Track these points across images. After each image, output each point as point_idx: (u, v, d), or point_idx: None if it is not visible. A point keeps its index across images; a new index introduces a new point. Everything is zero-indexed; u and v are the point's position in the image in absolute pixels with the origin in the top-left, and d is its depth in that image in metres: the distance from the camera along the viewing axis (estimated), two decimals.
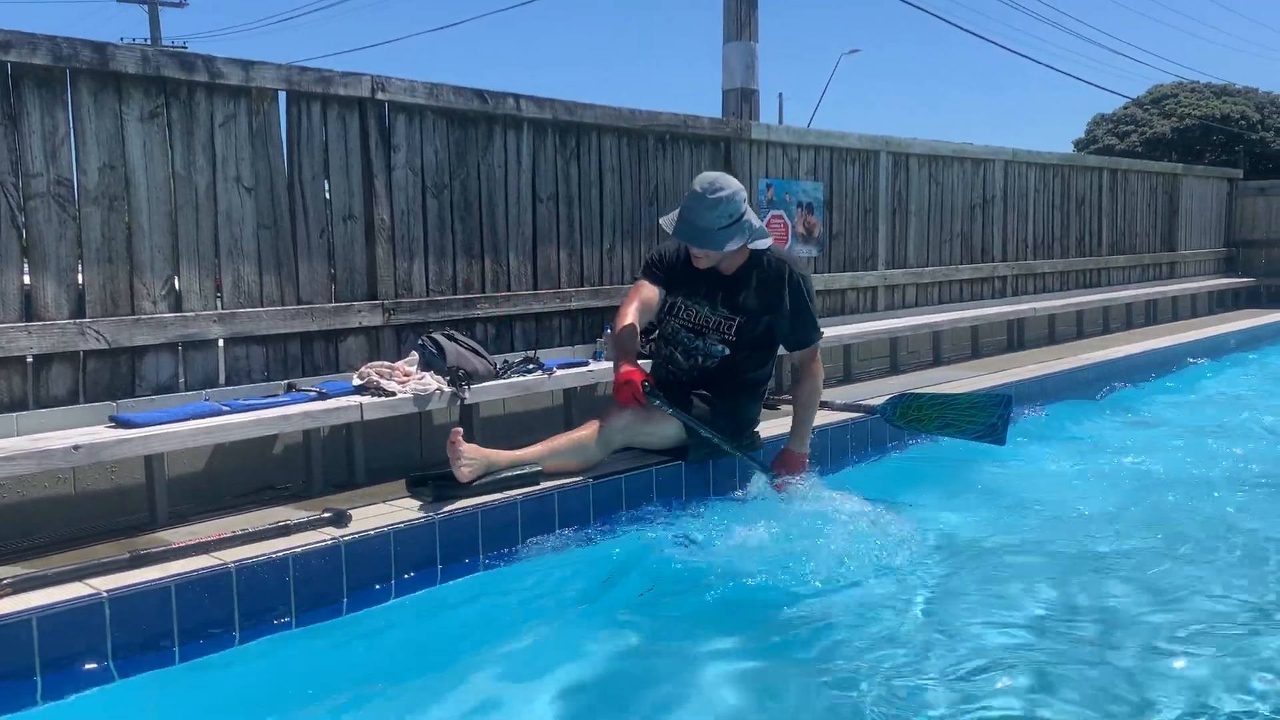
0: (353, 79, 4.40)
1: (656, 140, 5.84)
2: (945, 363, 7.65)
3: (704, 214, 4.02)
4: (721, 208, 4.01)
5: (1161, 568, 3.65)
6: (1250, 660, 2.88)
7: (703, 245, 4.08)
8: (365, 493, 3.95)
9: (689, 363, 4.25)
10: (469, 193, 4.91)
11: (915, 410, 4.58)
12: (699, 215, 4.04)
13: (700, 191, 4.04)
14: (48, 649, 2.58)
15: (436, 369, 4.29)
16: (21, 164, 3.53)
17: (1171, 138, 26.12)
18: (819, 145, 7.05)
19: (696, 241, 4.08)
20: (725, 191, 4.02)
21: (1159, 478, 4.80)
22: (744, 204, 4.09)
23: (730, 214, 4.03)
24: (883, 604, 3.29)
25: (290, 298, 4.29)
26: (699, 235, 4.06)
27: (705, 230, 4.04)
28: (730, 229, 4.04)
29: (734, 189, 4.05)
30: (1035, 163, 9.26)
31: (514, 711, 2.61)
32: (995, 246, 8.83)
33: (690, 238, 4.10)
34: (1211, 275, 12.43)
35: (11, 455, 3.14)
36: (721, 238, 4.03)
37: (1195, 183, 12.10)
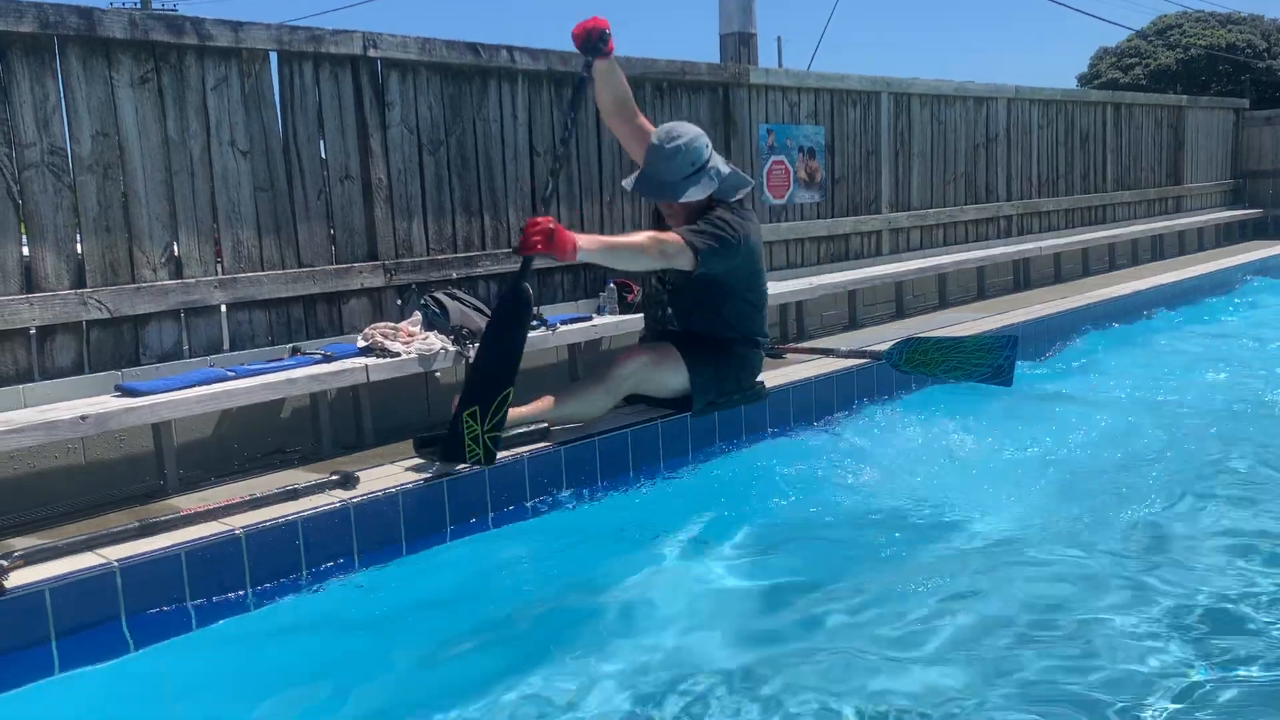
0: (344, 36, 4.35)
1: (654, 88, 5.77)
2: (951, 305, 7.62)
3: (662, 165, 3.83)
4: (680, 156, 3.82)
5: (1173, 505, 3.66)
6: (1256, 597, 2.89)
7: (661, 197, 3.90)
8: (374, 454, 3.96)
9: (661, 313, 4.21)
10: (465, 149, 4.87)
11: (921, 355, 4.55)
12: (657, 167, 3.85)
13: (657, 143, 3.85)
14: (61, 619, 2.60)
15: (440, 328, 4.29)
16: (14, 134, 3.51)
17: (1176, 69, 25.74)
18: (819, 88, 6.96)
19: (654, 194, 3.91)
20: (682, 139, 3.83)
21: (1168, 413, 4.80)
22: (706, 150, 3.89)
23: (691, 162, 3.83)
24: (883, 549, 3.31)
25: (291, 261, 4.27)
26: (657, 187, 3.88)
27: (664, 182, 3.85)
28: (692, 178, 3.84)
29: (691, 135, 3.86)
30: (1038, 99, 9.14)
31: (522, 669, 2.63)
32: (999, 186, 8.75)
33: (649, 191, 3.92)
34: (1218, 208, 12.32)
35: (20, 427, 3.15)
36: (681, 188, 3.83)
37: (1201, 114, 11.95)
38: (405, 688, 2.55)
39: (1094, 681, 2.46)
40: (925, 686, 2.46)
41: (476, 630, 2.86)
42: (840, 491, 3.84)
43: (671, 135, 3.85)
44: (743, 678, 2.53)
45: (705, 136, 3.91)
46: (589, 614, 2.95)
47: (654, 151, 3.86)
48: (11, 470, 3.50)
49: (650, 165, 3.89)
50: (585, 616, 2.94)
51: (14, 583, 2.57)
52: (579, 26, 3.76)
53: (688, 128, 3.90)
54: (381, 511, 3.26)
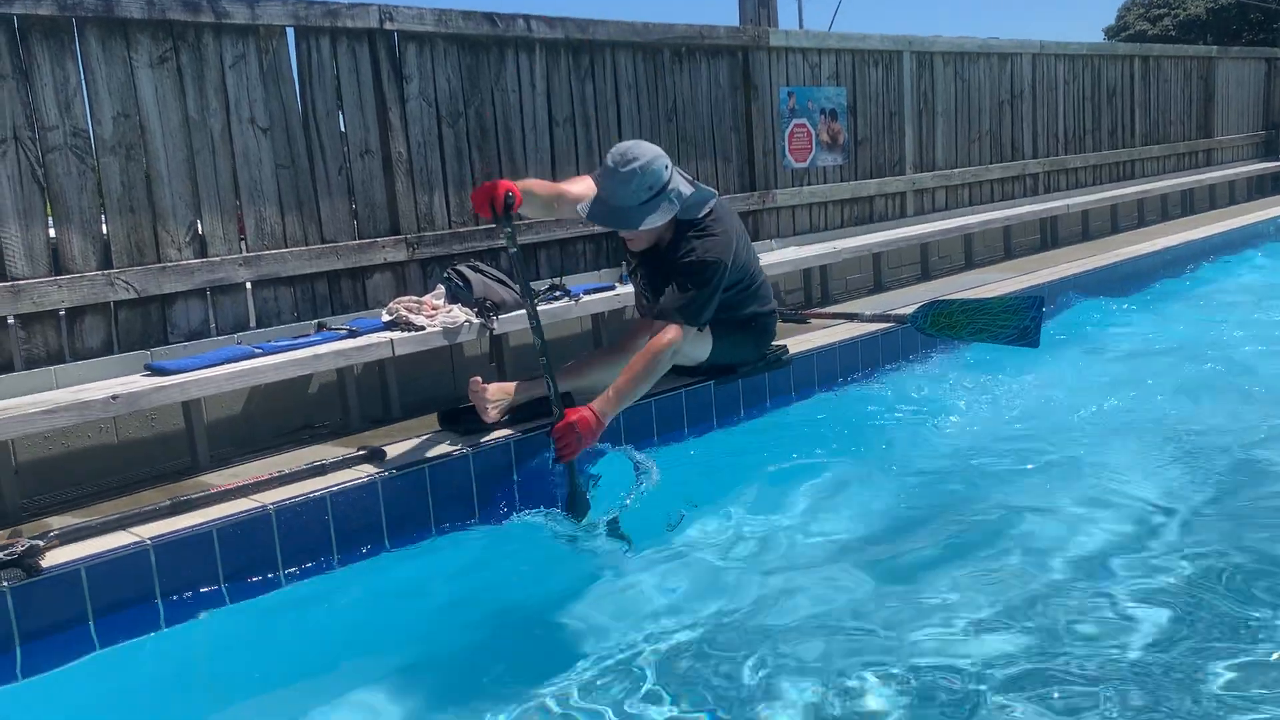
0: (360, 10, 4.34)
1: (673, 54, 5.73)
2: (977, 265, 7.56)
3: (619, 189, 3.55)
4: (636, 180, 3.53)
5: (1206, 466, 3.64)
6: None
7: (619, 226, 3.66)
8: (401, 427, 3.99)
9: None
10: (484, 120, 4.86)
11: (946, 317, 4.53)
12: (614, 192, 3.57)
13: (611, 165, 3.56)
14: (98, 597, 2.65)
15: (464, 301, 4.30)
16: (36, 117, 3.53)
17: (1206, 19, 25.28)
18: (840, 49, 6.89)
19: (611, 222, 3.67)
20: (639, 161, 3.53)
21: (1198, 373, 4.75)
22: (665, 170, 3.60)
23: (649, 185, 3.56)
24: (909, 518, 3.31)
25: (314, 237, 4.29)
26: (614, 215, 3.61)
27: (621, 209, 3.58)
28: (650, 203, 3.57)
29: (649, 157, 3.56)
30: (1064, 54, 9.00)
31: (551, 639, 2.65)
32: (1025, 143, 8.64)
33: (604, 219, 3.67)
34: (1250, 160, 12.11)
35: (53, 408, 3.19)
36: (638, 215, 3.57)
37: (1231, 65, 11.72)
38: (437, 659, 2.59)
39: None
40: (973, 652, 2.46)
41: (506, 601, 2.89)
42: (863, 457, 3.84)
43: (627, 157, 3.55)
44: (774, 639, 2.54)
45: (665, 157, 3.64)
46: (618, 582, 2.97)
47: (609, 175, 3.58)
48: (46, 450, 3.56)
49: (605, 190, 3.61)
50: (614, 585, 2.96)
51: (50, 562, 2.62)
52: (477, 196, 3.39)
53: (646, 148, 3.61)
54: (409, 486, 3.29)
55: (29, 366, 3.57)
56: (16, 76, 3.47)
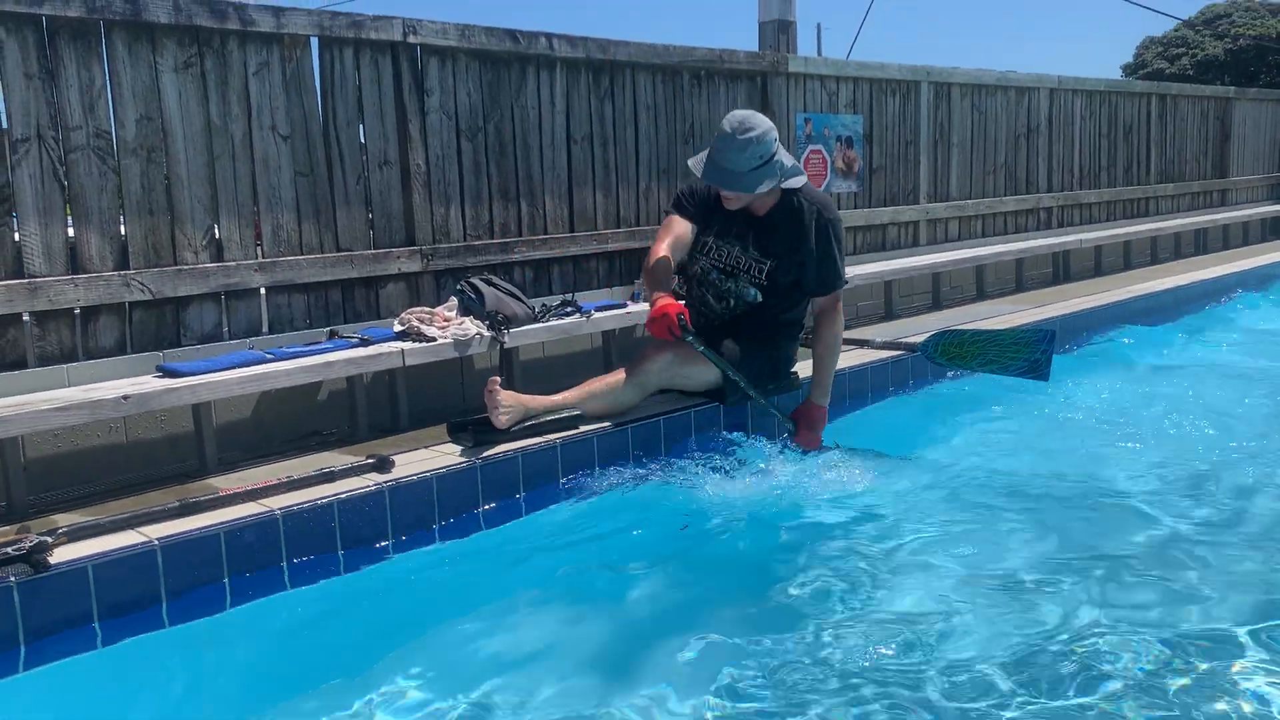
0: (384, 23, 4.37)
1: (692, 77, 5.76)
2: (989, 297, 7.56)
3: (733, 155, 3.87)
4: (751, 149, 3.85)
5: (1213, 499, 3.63)
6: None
7: (733, 188, 3.94)
8: (409, 437, 4.00)
9: (721, 305, 4.15)
10: (503, 135, 4.89)
11: (957, 347, 4.53)
12: (728, 157, 3.89)
13: (729, 132, 3.88)
14: (104, 595, 2.66)
15: (476, 314, 4.31)
16: (60, 117, 3.56)
17: (1224, 59, 25.32)
18: (858, 77, 6.92)
19: (726, 184, 3.95)
20: (755, 131, 3.86)
21: (1208, 411, 4.74)
22: (775, 143, 3.94)
23: (761, 155, 3.87)
24: (918, 547, 3.30)
25: (330, 245, 4.31)
26: (729, 178, 3.92)
27: (735, 173, 3.89)
28: (761, 170, 3.89)
29: (764, 128, 3.89)
30: (1081, 90, 9.03)
31: (556, 652, 2.65)
32: (1040, 177, 8.66)
33: (720, 180, 3.96)
34: (1265, 202, 12.11)
35: (65, 406, 3.21)
36: (752, 180, 3.89)
37: (1249, 106, 11.74)
38: (439, 670, 2.58)
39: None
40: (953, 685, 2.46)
41: (508, 613, 2.89)
42: (863, 485, 3.83)
43: (745, 126, 3.87)
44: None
45: (774, 129, 3.96)
46: (619, 597, 2.97)
47: (726, 141, 3.88)
48: (55, 448, 3.57)
49: (720, 154, 3.91)
50: (615, 600, 2.96)
51: (58, 559, 2.63)
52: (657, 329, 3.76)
53: (759, 119, 3.91)
54: (416, 495, 3.29)
55: (42, 364, 3.59)
56: (43, 76, 3.51)
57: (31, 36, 3.47)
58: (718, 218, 4.14)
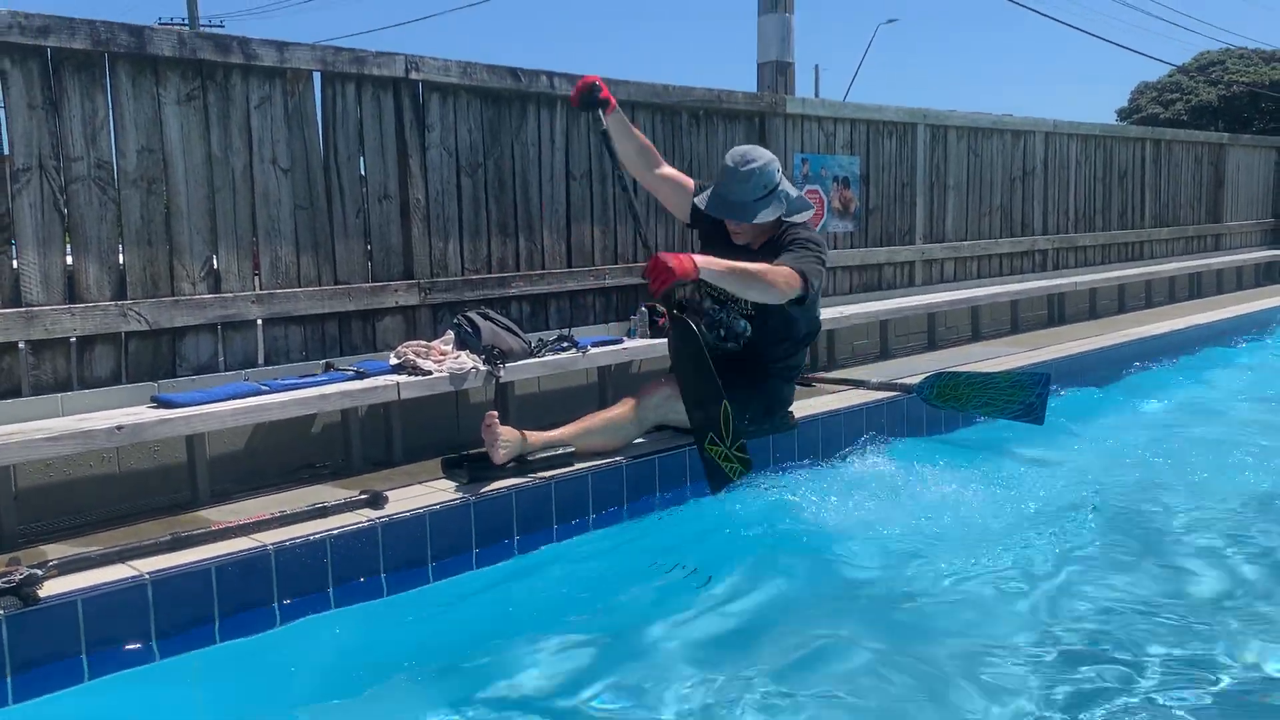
0: (386, 59, 4.40)
1: (690, 116, 5.80)
2: (984, 338, 7.58)
3: (736, 187, 4.01)
4: (754, 179, 3.99)
5: (1204, 548, 3.63)
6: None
7: (735, 218, 4.06)
8: (402, 472, 3.98)
9: (712, 334, 4.05)
10: (503, 171, 4.91)
11: (952, 389, 4.54)
12: (731, 189, 4.02)
13: (732, 165, 4.02)
14: (93, 629, 2.64)
15: (472, 348, 4.31)
16: (62, 147, 3.57)
17: (1218, 105, 25.58)
18: (855, 119, 6.97)
19: (729, 214, 4.06)
20: (757, 163, 4.01)
21: (1204, 456, 4.74)
22: (778, 174, 4.06)
23: (764, 185, 4.01)
24: (914, 585, 3.29)
25: (328, 278, 4.32)
26: (731, 208, 4.05)
27: (738, 204, 4.02)
28: (763, 200, 4.01)
29: (765, 160, 4.03)
30: (1076, 134, 9.11)
31: (549, 693, 2.63)
32: (1035, 219, 8.71)
33: (722, 211, 4.08)
34: (1259, 247, 12.19)
35: (57, 435, 3.20)
36: (754, 210, 4.00)
37: (1242, 152, 11.85)
38: (428, 712, 2.56)
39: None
40: None
41: (499, 654, 2.86)
42: (861, 526, 3.81)
43: (747, 159, 4.02)
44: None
45: (777, 161, 4.10)
46: (615, 640, 2.95)
47: (729, 174, 4.03)
48: (47, 478, 3.55)
49: (724, 186, 4.05)
50: (611, 642, 2.94)
51: (47, 592, 2.61)
52: (574, 90, 4.17)
53: (761, 152, 4.07)
54: (409, 532, 3.28)
55: (36, 393, 3.58)
56: (46, 107, 3.52)
57: (36, 67, 3.49)
58: (715, 246, 4.19)
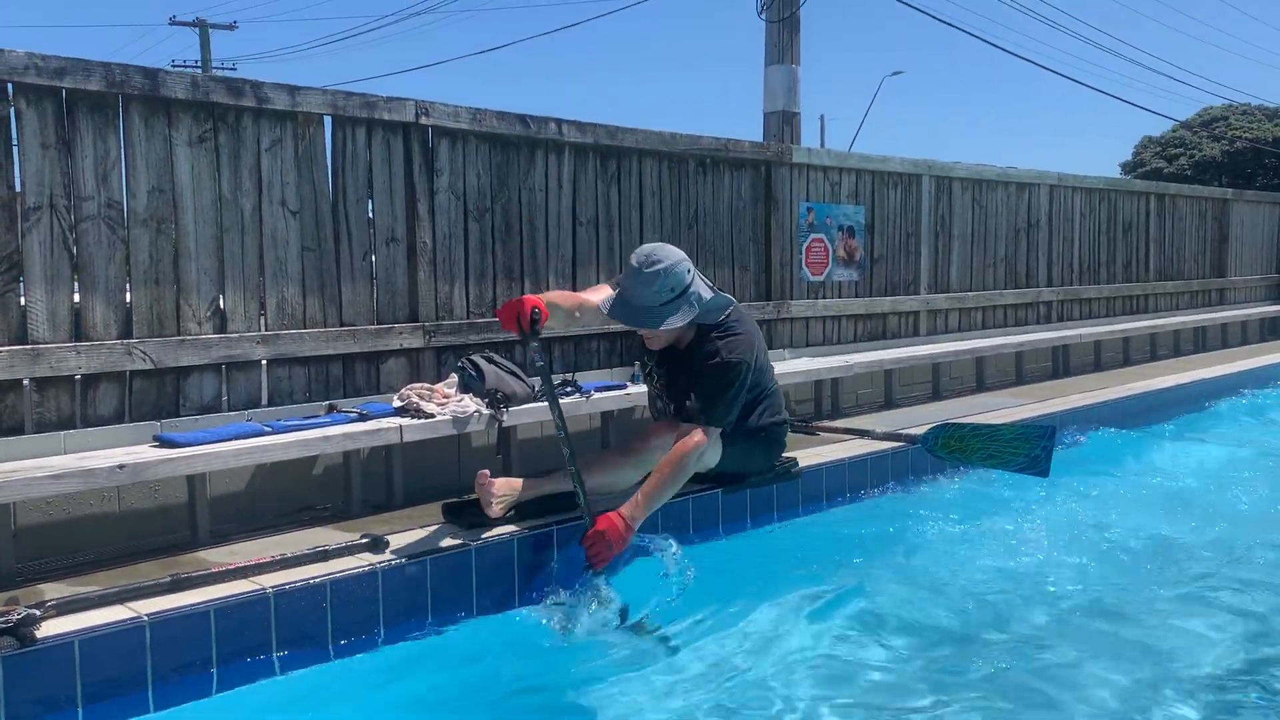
0: (397, 104, 4.44)
1: (697, 164, 5.84)
2: (988, 389, 7.57)
3: (640, 290, 3.69)
4: (659, 281, 3.67)
5: (1207, 603, 3.59)
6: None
7: (639, 324, 3.77)
8: (403, 515, 3.96)
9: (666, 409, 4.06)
10: (510, 216, 4.94)
11: (957, 441, 4.52)
12: (635, 292, 3.71)
13: (636, 265, 3.72)
14: (89, 672, 2.61)
15: (475, 391, 4.31)
16: (74, 187, 3.60)
17: (1221, 161, 25.71)
18: (860, 169, 7.02)
19: (632, 320, 3.77)
20: (663, 264, 3.69)
21: (1208, 513, 4.71)
22: (688, 274, 3.75)
23: (671, 287, 3.69)
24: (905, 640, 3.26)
25: (333, 319, 4.33)
26: (634, 314, 3.74)
27: (643, 309, 3.71)
28: (671, 304, 3.69)
29: (673, 260, 3.71)
30: (1081, 187, 9.15)
31: None
32: (1040, 272, 8.73)
33: (626, 317, 3.78)
34: (1263, 302, 12.21)
35: (59, 473, 3.18)
36: (659, 315, 3.69)
37: (1246, 208, 11.90)
38: None
39: None
40: None
41: (495, 704, 2.83)
42: (866, 578, 3.80)
43: (651, 259, 3.71)
44: None
45: (688, 261, 3.79)
46: (620, 683, 2.92)
47: (632, 275, 3.73)
48: (47, 516, 3.54)
49: (627, 290, 3.75)
50: (616, 685, 2.91)
51: (45, 633, 2.58)
52: (504, 314, 3.55)
53: (669, 251, 3.76)
54: (409, 578, 3.25)
55: (39, 430, 3.57)
56: (59, 147, 3.55)
57: (50, 108, 3.52)
58: (642, 345, 4.03)
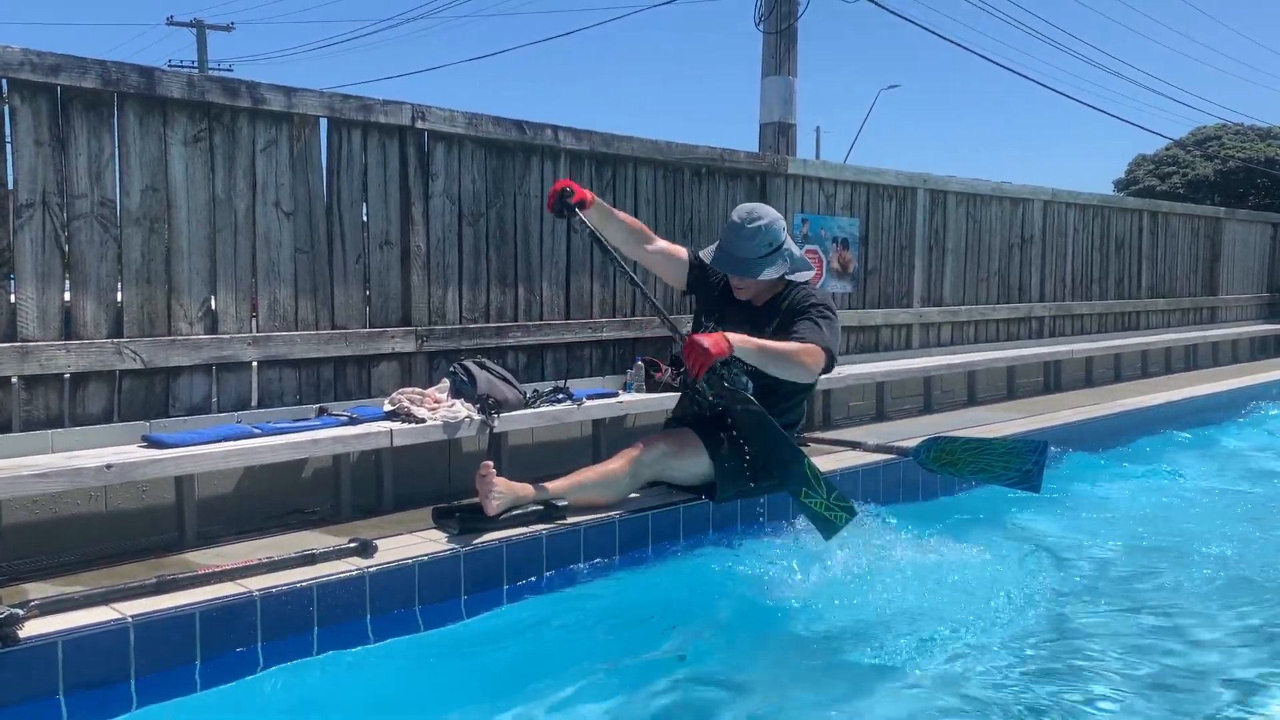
0: (393, 107, 4.44)
1: (693, 173, 5.84)
2: (980, 403, 7.57)
3: (742, 243, 4.06)
4: (760, 236, 4.04)
5: (1200, 621, 3.59)
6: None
7: (740, 274, 4.10)
8: (392, 520, 3.95)
9: (713, 391, 4.06)
10: (504, 222, 4.93)
11: (949, 454, 4.52)
12: (737, 245, 4.08)
13: (738, 221, 4.08)
14: (72, 673, 2.59)
15: (467, 396, 4.29)
16: (67, 185, 3.58)
17: (1214, 180, 25.80)
18: (856, 181, 7.03)
19: (734, 270, 4.11)
20: (763, 220, 4.06)
21: (1198, 530, 4.71)
22: (783, 232, 4.12)
23: (769, 242, 4.06)
24: (895, 654, 3.24)
25: (325, 322, 4.31)
26: (736, 264, 4.09)
27: (743, 260, 4.07)
28: (768, 258, 4.06)
29: (771, 218, 4.09)
30: (1075, 203, 9.18)
31: None
32: (1033, 286, 8.75)
33: (727, 266, 4.13)
34: (1254, 321, 12.25)
35: (45, 472, 3.16)
36: (759, 266, 4.05)
37: (1238, 227, 11.95)
38: None
39: None
40: None
41: (479, 709, 2.82)
42: (851, 592, 3.78)
43: (753, 216, 4.08)
44: None
45: (782, 220, 4.16)
46: (605, 695, 2.91)
47: (735, 230, 4.09)
48: (33, 514, 3.51)
49: (730, 243, 4.10)
50: (602, 698, 2.90)
51: (28, 632, 2.56)
52: (548, 198, 4.10)
53: (766, 209, 4.14)
54: (398, 582, 3.23)
55: (27, 428, 3.55)
56: (53, 144, 3.53)
57: (45, 105, 3.51)
58: (717, 302, 4.26)
